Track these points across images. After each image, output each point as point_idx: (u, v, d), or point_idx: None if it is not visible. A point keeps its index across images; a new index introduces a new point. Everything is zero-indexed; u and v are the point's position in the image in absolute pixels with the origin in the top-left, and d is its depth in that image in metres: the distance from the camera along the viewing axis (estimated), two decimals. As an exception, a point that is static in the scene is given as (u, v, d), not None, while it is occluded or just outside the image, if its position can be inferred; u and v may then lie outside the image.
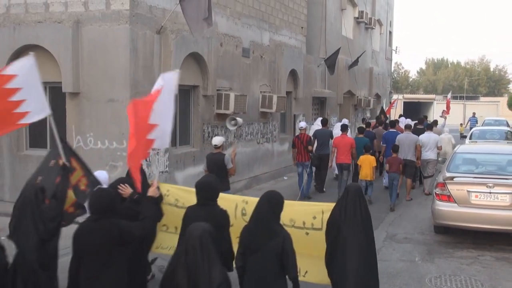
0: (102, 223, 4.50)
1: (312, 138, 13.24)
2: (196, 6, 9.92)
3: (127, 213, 5.09)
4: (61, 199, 5.50)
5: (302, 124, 13.39)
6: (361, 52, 24.32)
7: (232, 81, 13.54)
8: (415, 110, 45.70)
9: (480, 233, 9.43)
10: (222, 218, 4.93)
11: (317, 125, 14.83)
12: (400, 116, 22.80)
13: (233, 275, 4.46)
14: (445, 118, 21.22)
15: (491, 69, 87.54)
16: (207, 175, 6.02)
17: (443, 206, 9.27)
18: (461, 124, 33.95)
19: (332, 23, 21.52)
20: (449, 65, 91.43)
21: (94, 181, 5.92)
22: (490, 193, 8.92)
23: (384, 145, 13.98)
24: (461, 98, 61.43)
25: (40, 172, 5.88)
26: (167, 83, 5.48)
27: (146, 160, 9.29)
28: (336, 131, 14.40)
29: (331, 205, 5.29)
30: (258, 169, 15.15)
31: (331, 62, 19.41)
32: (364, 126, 15.93)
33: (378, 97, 30.07)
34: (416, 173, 14.11)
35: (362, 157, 12.26)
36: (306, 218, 5.51)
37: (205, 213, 4.82)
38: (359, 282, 4.67)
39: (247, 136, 14.50)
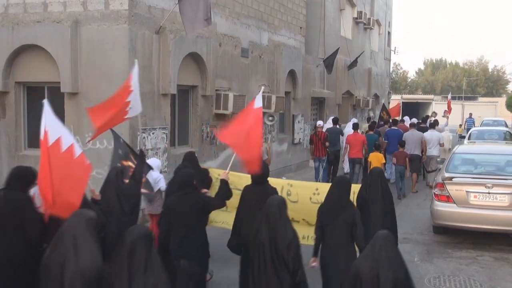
0: (189, 196, 5.70)
1: (328, 135, 14.39)
2: (194, 6, 9.92)
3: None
4: (139, 180, 6.46)
5: (320, 122, 14.94)
6: (360, 52, 24.33)
7: (231, 81, 13.54)
8: (413, 110, 45.62)
9: (479, 234, 9.44)
10: (274, 194, 5.90)
11: (329, 123, 16.19)
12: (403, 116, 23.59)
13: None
14: (447, 117, 22.44)
15: (490, 70, 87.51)
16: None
17: (442, 207, 9.28)
18: (460, 125, 33.94)
19: (331, 24, 21.52)
20: (448, 66, 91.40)
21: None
22: (489, 193, 8.94)
23: (386, 141, 15.00)
24: (460, 98, 61.45)
25: (115, 158, 7.25)
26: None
27: None
28: (348, 129, 15.75)
29: (359, 185, 6.73)
30: (257, 169, 15.10)
31: (329, 62, 19.45)
32: (370, 124, 16.66)
33: (376, 97, 30.07)
34: (420, 167, 15.07)
35: (372, 154, 13.23)
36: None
37: (260, 191, 6.11)
38: None
39: (246, 136, 14.45)
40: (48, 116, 5.17)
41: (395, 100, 51.19)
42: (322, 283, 5.67)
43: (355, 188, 6.61)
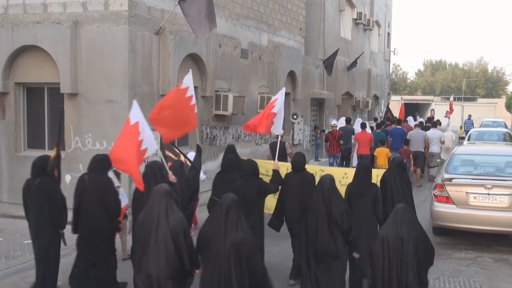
0: (253, 181, 6.98)
1: (342, 134, 15.80)
2: (198, 8, 9.92)
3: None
4: (199, 169, 7.62)
5: (334, 121, 16.74)
6: (360, 53, 24.36)
7: (231, 82, 13.54)
8: (413, 111, 45.55)
9: (479, 235, 9.44)
10: (312, 179, 7.23)
11: (341, 123, 17.29)
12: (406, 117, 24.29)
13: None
14: (449, 118, 23.51)
15: (489, 71, 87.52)
16: (298, 153, 7.89)
17: (441, 208, 9.27)
18: (460, 127, 33.78)
19: (331, 25, 21.55)
20: (447, 67, 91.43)
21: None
22: (488, 194, 8.93)
23: (391, 139, 16.06)
24: (459, 99, 61.42)
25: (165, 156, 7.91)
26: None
27: None
28: (356, 128, 16.96)
29: (383, 170, 8.00)
30: (257, 170, 15.12)
31: (329, 63, 19.47)
32: (377, 123, 18.11)
33: (376, 98, 30.10)
34: (424, 163, 16.14)
35: (378, 149, 14.26)
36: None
37: (300, 176, 7.26)
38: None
39: (245, 137, 14.49)
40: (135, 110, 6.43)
41: (395, 101, 51.26)
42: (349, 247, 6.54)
43: (379, 172, 7.97)
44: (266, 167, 8.16)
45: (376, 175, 7.78)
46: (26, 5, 10.23)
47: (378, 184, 7.48)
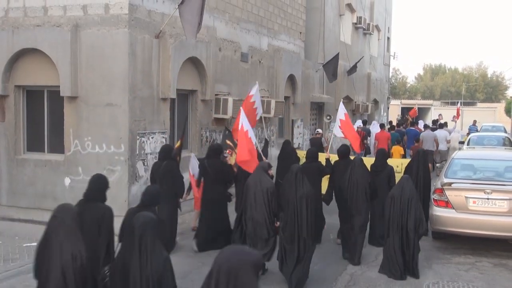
0: (314, 163, 9.46)
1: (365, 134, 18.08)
2: (193, 11, 9.92)
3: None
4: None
5: (359, 123, 19.52)
6: (359, 57, 24.38)
7: (231, 86, 13.55)
8: (406, 115, 45.50)
9: (478, 239, 9.42)
10: (352, 162, 8.91)
11: (358, 124, 19.17)
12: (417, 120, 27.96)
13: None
14: (455, 121, 26.48)
15: (489, 75, 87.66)
16: (343, 144, 10.00)
17: (441, 212, 9.26)
18: (467, 134, 33.45)
19: (331, 29, 21.58)
20: (447, 71, 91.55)
21: None
22: (488, 199, 8.92)
23: (405, 137, 18.55)
24: (459, 104, 61.49)
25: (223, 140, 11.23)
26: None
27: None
28: (374, 129, 19.43)
29: (407, 160, 11.21)
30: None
31: (331, 70, 19.31)
32: (392, 126, 21.41)
33: (376, 102, 30.10)
34: (433, 159, 17.80)
35: (394, 148, 16.17)
36: (395, 165, 10.28)
37: (344, 162, 9.33)
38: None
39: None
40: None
41: (395, 105, 51.28)
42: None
43: (404, 161, 11.23)
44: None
45: (401, 163, 11.13)
46: (26, 8, 10.24)
47: (403, 170, 10.40)
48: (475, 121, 32.84)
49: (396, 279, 7.69)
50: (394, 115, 43.93)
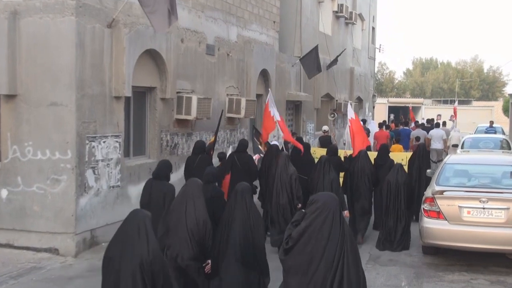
0: (335, 157, 12.30)
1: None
2: None
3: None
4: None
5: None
6: (341, 50, 24.59)
7: (195, 82, 13.52)
8: (405, 114, 45.97)
9: (473, 254, 9.57)
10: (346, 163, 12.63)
11: None
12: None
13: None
14: (453, 121, 28.76)
15: (485, 70, 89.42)
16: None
17: (432, 224, 9.38)
18: None
19: (308, 18, 21.73)
20: (439, 66, 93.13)
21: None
22: (483, 208, 9.07)
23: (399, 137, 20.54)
24: (452, 102, 62.53)
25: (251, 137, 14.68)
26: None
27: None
28: (372, 128, 22.62)
29: (410, 153, 14.80)
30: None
31: (316, 64, 19.33)
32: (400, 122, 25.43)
33: (360, 100, 30.40)
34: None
35: (393, 146, 18.02)
36: (400, 159, 13.61)
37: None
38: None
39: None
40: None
41: (381, 104, 51.82)
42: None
43: (408, 155, 14.83)
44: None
45: (406, 156, 14.56)
46: (-45, -8, 10.03)
47: (406, 164, 13.38)
48: (492, 122, 32.86)
49: (392, 250, 10.33)
50: (380, 115, 44.43)
